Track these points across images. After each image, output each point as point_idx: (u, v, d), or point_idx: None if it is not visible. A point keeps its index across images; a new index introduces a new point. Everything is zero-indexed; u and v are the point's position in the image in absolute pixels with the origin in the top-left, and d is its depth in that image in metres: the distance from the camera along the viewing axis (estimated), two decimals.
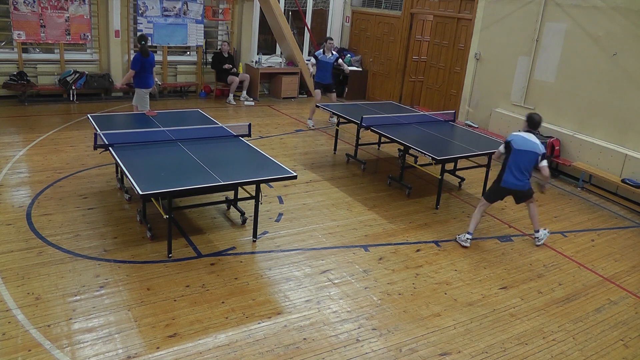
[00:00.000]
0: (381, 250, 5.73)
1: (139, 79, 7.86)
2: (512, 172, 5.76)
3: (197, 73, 12.40)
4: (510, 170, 5.76)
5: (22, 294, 4.40)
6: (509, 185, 5.81)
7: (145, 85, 7.91)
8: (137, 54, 7.86)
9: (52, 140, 8.36)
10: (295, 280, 5.00)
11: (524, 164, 5.74)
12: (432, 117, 8.79)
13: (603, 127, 8.27)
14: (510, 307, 4.90)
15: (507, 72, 9.77)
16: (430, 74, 11.90)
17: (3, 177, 6.79)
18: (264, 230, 5.91)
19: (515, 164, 5.74)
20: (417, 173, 8.13)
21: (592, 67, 8.34)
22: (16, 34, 10.14)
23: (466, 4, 10.71)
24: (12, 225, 5.54)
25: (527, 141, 5.74)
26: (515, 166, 5.74)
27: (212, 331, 4.17)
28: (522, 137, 5.78)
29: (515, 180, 5.77)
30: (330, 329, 4.33)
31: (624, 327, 4.76)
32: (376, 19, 13.30)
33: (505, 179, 5.80)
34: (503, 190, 5.89)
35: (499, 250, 5.99)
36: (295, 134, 9.92)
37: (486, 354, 4.22)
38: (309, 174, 7.78)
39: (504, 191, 5.91)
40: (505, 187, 5.84)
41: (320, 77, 10.50)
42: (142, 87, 7.90)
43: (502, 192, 5.94)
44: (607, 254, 6.16)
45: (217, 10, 12.27)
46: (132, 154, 5.65)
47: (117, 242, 5.37)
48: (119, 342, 3.94)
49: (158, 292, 4.60)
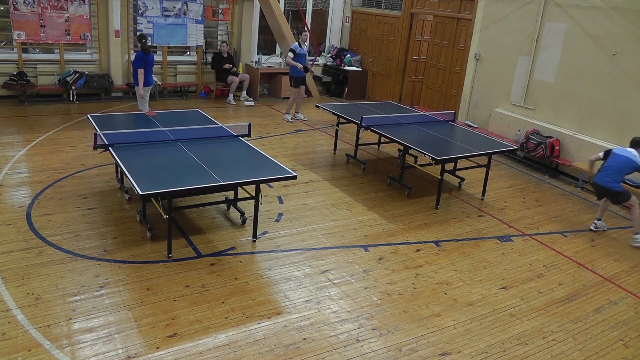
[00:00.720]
0: (381, 250, 5.73)
1: (138, 77, 7.89)
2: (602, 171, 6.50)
3: (197, 73, 12.40)
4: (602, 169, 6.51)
5: (22, 294, 4.40)
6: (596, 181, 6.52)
7: (145, 83, 7.93)
8: (139, 52, 7.88)
9: (52, 140, 8.37)
10: (295, 280, 5.01)
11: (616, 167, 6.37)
12: (432, 117, 8.79)
13: (603, 127, 8.27)
14: (510, 307, 4.90)
15: (507, 72, 9.77)
16: (430, 74, 11.90)
17: (3, 177, 6.79)
18: (264, 230, 5.91)
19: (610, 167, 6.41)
20: (417, 173, 8.13)
21: (592, 67, 8.34)
22: (16, 34, 10.14)
23: (466, 4, 10.71)
24: (12, 225, 5.54)
25: (624, 155, 6.38)
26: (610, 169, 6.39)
27: (212, 331, 4.17)
28: (621, 150, 6.45)
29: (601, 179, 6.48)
30: (330, 329, 4.33)
31: (624, 327, 4.76)
32: (376, 19, 13.31)
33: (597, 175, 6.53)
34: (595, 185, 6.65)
35: (499, 250, 5.99)
36: (295, 134, 9.92)
37: (486, 354, 4.22)
38: (309, 174, 7.78)
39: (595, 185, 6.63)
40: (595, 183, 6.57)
41: (298, 70, 10.41)
42: (143, 86, 7.92)
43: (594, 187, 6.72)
44: (607, 254, 6.16)
45: (217, 10, 12.27)
46: (132, 154, 5.65)
47: (117, 242, 5.37)
48: (118, 342, 3.94)
49: (158, 292, 4.60)
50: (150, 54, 7.93)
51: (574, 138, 8.53)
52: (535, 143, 8.80)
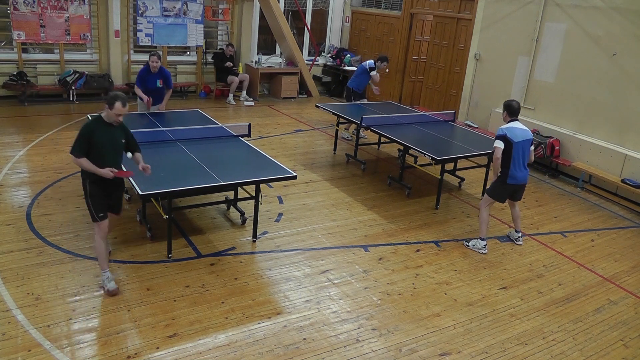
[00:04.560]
0: (381, 251, 5.73)
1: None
2: (518, 165, 5.59)
3: (197, 73, 12.39)
4: (516, 164, 5.57)
5: (22, 294, 4.40)
6: (519, 181, 5.65)
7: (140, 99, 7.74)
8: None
9: (52, 140, 8.36)
10: (295, 280, 5.00)
11: (526, 154, 5.64)
12: (432, 117, 8.79)
13: (603, 127, 8.27)
14: (510, 307, 4.90)
15: (507, 72, 9.77)
16: (430, 74, 11.90)
17: (3, 177, 6.79)
18: (264, 231, 5.91)
19: (518, 156, 5.57)
20: (417, 173, 8.13)
21: (592, 68, 8.33)
22: (16, 34, 10.13)
23: (466, 4, 10.71)
24: (12, 225, 5.54)
25: (523, 131, 5.62)
26: (520, 159, 5.59)
27: (212, 331, 4.17)
28: (516, 129, 5.60)
29: (524, 173, 5.65)
30: (330, 329, 4.33)
31: (624, 327, 4.76)
32: (376, 19, 13.30)
33: (514, 174, 5.60)
34: (511, 187, 5.71)
35: (498, 251, 5.99)
36: (295, 134, 9.92)
37: (486, 354, 4.22)
38: (308, 174, 7.78)
39: (512, 187, 5.72)
40: (514, 184, 5.66)
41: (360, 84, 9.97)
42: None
43: (510, 189, 5.74)
44: (607, 254, 6.16)
45: (217, 10, 12.27)
46: None
47: (117, 242, 5.37)
48: (118, 342, 3.94)
49: (158, 292, 4.60)
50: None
51: (574, 138, 8.54)
52: (535, 143, 8.79)
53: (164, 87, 7.57)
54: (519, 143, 5.54)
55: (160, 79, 7.49)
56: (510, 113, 5.72)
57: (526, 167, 5.67)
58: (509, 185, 5.67)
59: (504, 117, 5.80)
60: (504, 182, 5.66)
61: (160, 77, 7.50)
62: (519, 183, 5.67)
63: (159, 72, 7.46)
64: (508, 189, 5.72)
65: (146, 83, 7.42)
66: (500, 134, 5.60)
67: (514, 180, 5.62)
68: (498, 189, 5.76)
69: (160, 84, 7.51)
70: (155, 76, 7.45)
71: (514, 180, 5.62)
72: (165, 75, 7.56)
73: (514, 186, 5.69)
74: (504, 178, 5.65)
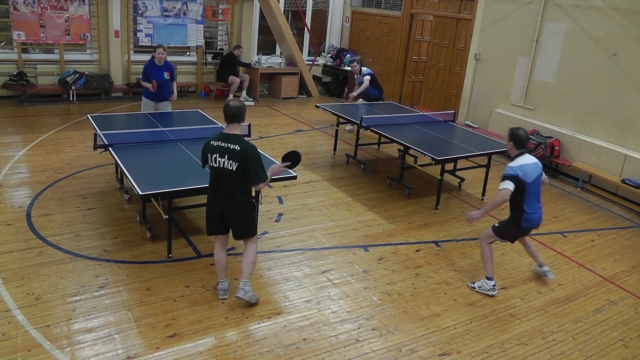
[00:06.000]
0: (381, 251, 5.73)
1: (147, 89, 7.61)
2: (532, 206, 4.85)
3: (197, 73, 12.40)
4: (530, 204, 4.82)
5: (22, 294, 4.39)
6: (534, 224, 4.97)
7: (147, 95, 7.75)
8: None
9: (52, 140, 8.36)
10: (295, 280, 5.00)
11: (539, 190, 4.93)
12: (431, 117, 8.79)
13: (603, 127, 8.27)
14: (510, 307, 4.90)
15: (506, 73, 9.77)
16: (430, 74, 11.90)
17: (3, 177, 6.79)
18: (264, 231, 5.91)
19: (534, 196, 4.86)
20: (417, 173, 8.13)
21: (592, 68, 8.33)
22: (16, 34, 10.14)
23: (466, 4, 10.71)
24: (12, 225, 5.54)
25: (534, 166, 4.84)
26: (535, 198, 4.89)
27: (212, 331, 4.17)
28: (527, 165, 4.79)
29: (538, 213, 4.95)
30: (330, 329, 4.33)
31: (624, 327, 4.76)
32: (376, 19, 13.31)
33: (529, 217, 4.86)
34: (526, 231, 5.05)
35: (498, 251, 5.99)
36: (295, 134, 9.92)
37: (486, 354, 4.22)
38: (309, 174, 7.78)
39: (527, 231, 5.07)
40: (529, 227, 4.98)
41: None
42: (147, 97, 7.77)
43: (524, 232, 5.09)
44: (607, 254, 6.16)
45: (217, 11, 12.27)
46: (132, 154, 5.65)
47: (117, 243, 5.37)
48: (118, 342, 3.94)
49: (158, 292, 4.60)
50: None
51: (574, 138, 8.53)
52: (535, 143, 8.79)
53: (168, 80, 7.60)
54: (532, 183, 4.77)
55: (166, 71, 7.54)
56: (517, 144, 4.85)
57: (539, 202, 4.98)
58: (523, 229, 4.99)
59: (510, 149, 4.93)
60: (517, 226, 4.93)
61: (166, 70, 7.54)
62: (533, 226, 5.02)
63: (164, 65, 7.53)
64: (522, 232, 5.06)
65: (152, 76, 7.45)
66: (510, 174, 4.71)
67: (529, 224, 4.92)
68: (509, 230, 5.02)
69: (167, 75, 7.55)
70: (162, 68, 7.51)
71: (529, 224, 4.93)
72: (170, 68, 7.63)
73: (528, 230, 5.05)
74: (517, 222, 4.90)
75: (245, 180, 4.24)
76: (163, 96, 7.61)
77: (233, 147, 4.17)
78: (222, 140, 4.22)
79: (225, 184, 4.23)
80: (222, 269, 4.56)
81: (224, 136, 4.25)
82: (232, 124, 4.26)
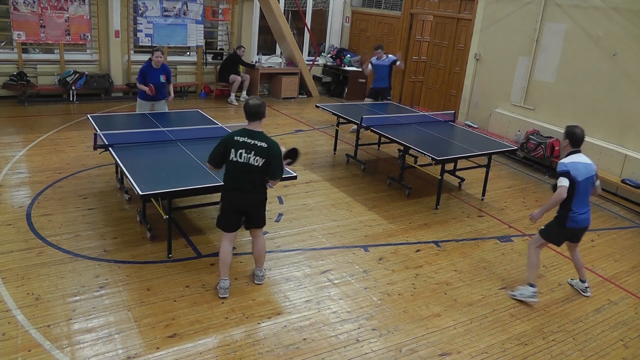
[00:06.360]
0: (381, 251, 5.73)
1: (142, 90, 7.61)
2: (580, 206, 4.76)
3: (197, 73, 12.40)
4: (577, 204, 4.73)
5: (22, 294, 4.39)
6: (581, 224, 4.86)
7: (143, 96, 7.75)
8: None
9: (52, 140, 8.36)
10: (295, 280, 5.00)
11: (588, 192, 4.83)
12: (431, 117, 8.79)
13: (603, 127, 8.27)
14: (510, 307, 4.89)
15: (507, 73, 9.77)
16: (430, 74, 11.90)
17: (3, 177, 6.79)
18: (264, 231, 5.89)
19: (583, 196, 4.76)
20: (417, 173, 8.13)
21: (592, 68, 8.34)
22: (16, 34, 10.14)
23: (466, 4, 10.71)
24: (12, 225, 5.54)
25: (586, 166, 4.72)
26: (584, 198, 4.79)
27: (212, 331, 4.17)
28: (579, 164, 4.70)
29: (586, 214, 4.85)
30: (330, 329, 4.33)
31: (624, 327, 4.76)
32: (376, 19, 13.31)
33: (575, 217, 4.76)
34: (571, 231, 4.90)
35: (498, 251, 5.99)
36: (295, 134, 9.92)
37: (486, 354, 4.22)
38: (309, 174, 7.78)
39: (572, 231, 4.92)
40: (575, 228, 4.85)
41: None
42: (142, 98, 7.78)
43: (569, 232, 4.93)
44: (607, 254, 6.16)
45: (217, 11, 12.28)
46: (132, 154, 5.65)
47: (117, 243, 5.37)
48: (118, 342, 3.94)
49: (158, 292, 4.60)
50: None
51: None
52: (535, 143, 8.80)
53: (164, 83, 7.63)
54: (581, 182, 4.68)
55: (163, 74, 7.56)
56: (573, 143, 4.76)
57: (588, 205, 4.85)
58: (568, 229, 4.86)
59: (564, 147, 4.84)
60: (562, 225, 4.83)
61: (163, 73, 7.57)
62: (580, 227, 4.88)
63: (161, 68, 7.55)
64: (567, 232, 4.91)
65: (149, 79, 7.44)
66: (563, 170, 4.65)
67: (575, 224, 4.80)
68: (555, 231, 4.92)
69: (163, 79, 7.58)
70: (158, 71, 7.51)
71: (575, 224, 4.81)
72: (167, 71, 7.68)
73: (574, 230, 4.89)
74: (562, 220, 4.81)
75: (265, 175, 4.43)
76: (159, 97, 7.63)
77: (260, 145, 4.33)
78: (248, 137, 4.35)
79: (248, 178, 4.38)
80: (226, 266, 4.61)
81: (249, 132, 4.38)
82: (253, 121, 4.41)
